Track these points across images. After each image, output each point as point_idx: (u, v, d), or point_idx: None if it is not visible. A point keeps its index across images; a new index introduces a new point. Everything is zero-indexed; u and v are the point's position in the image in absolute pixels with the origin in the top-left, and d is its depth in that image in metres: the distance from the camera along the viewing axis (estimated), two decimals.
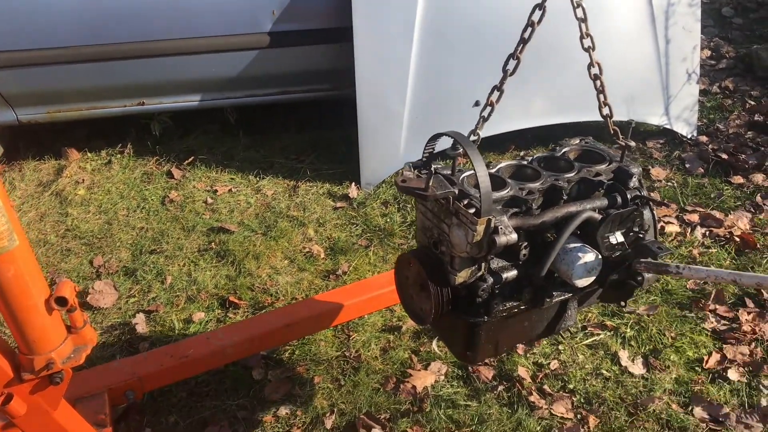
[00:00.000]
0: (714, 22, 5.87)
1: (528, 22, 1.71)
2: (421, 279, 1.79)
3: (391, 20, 3.45)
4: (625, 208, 1.78)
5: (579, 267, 1.70)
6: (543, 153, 1.98)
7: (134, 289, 3.00)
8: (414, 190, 1.66)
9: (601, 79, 1.85)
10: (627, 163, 1.92)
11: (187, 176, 3.82)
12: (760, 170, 3.87)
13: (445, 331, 1.98)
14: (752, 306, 2.92)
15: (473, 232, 1.59)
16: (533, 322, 1.94)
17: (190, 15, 3.46)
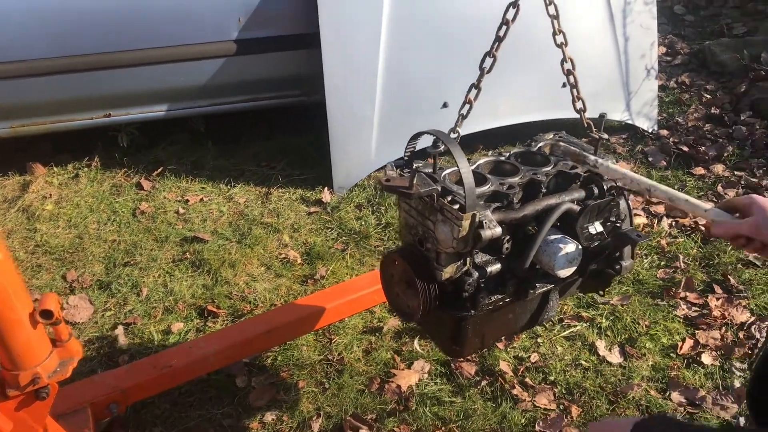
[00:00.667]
0: (667, 19, 6.04)
1: (503, 21, 1.75)
2: (408, 276, 1.81)
3: (357, 25, 3.48)
4: (602, 199, 1.84)
5: (561, 258, 1.74)
6: (519, 149, 2.02)
7: (110, 302, 2.96)
8: (398, 188, 1.68)
9: (574, 74, 1.91)
10: (601, 154, 1.97)
11: (157, 187, 3.78)
12: (719, 161, 4.00)
13: (432, 327, 2.01)
14: (720, 292, 3.01)
15: (459, 228, 1.62)
16: (517, 315, 1.98)
17: (155, 24, 3.43)
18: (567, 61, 1.85)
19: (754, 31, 5.45)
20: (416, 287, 1.77)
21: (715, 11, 6.07)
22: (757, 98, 4.44)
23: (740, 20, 5.78)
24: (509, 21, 1.75)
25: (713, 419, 2.42)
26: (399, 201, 1.85)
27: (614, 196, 1.87)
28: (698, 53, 5.25)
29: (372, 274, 2.81)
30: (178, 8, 3.44)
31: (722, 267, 3.15)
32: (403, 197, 1.75)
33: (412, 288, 1.82)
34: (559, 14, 1.79)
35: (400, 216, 1.86)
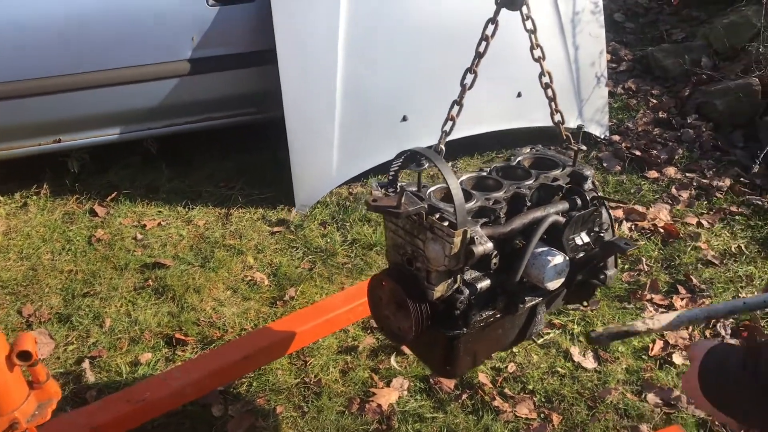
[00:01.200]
0: (608, 27, 6.19)
1: (482, 37, 1.74)
2: (397, 297, 1.78)
3: (314, 40, 3.44)
4: (585, 210, 1.85)
5: (550, 270, 1.74)
6: (499, 163, 2.02)
7: (71, 335, 2.83)
8: (386, 208, 1.65)
9: (552, 87, 1.92)
10: (580, 166, 1.99)
11: (111, 213, 3.65)
12: (671, 164, 4.12)
13: (422, 347, 1.98)
14: (684, 292, 3.09)
15: (450, 245, 1.60)
16: (506, 330, 1.98)
17: (106, 46, 3.32)
18: (545, 75, 1.86)
19: (691, 37, 5.64)
20: (407, 308, 1.74)
21: (653, 18, 6.26)
22: (701, 101, 4.59)
23: (677, 26, 5.97)
24: (489, 37, 1.75)
25: (689, 418, 2.46)
26: (385, 221, 1.82)
27: (597, 206, 1.89)
28: (642, 59, 5.41)
29: (345, 292, 2.77)
30: (129, 29, 3.33)
31: (683, 267, 3.23)
32: (391, 217, 1.72)
33: (402, 309, 1.79)
34: (536, 29, 1.79)
35: (386, 236, 1.83)
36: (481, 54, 1.77)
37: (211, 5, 3.43)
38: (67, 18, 3.26)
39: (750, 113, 4.44)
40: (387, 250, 1.86)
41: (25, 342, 1.50)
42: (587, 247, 1.85)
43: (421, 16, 3.65)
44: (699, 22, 5.96)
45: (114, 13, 3.30)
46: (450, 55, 3.78)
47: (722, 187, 3.85)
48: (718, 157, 4.18)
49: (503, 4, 1.70)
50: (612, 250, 1.76)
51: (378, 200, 1.69)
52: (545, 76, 1.87)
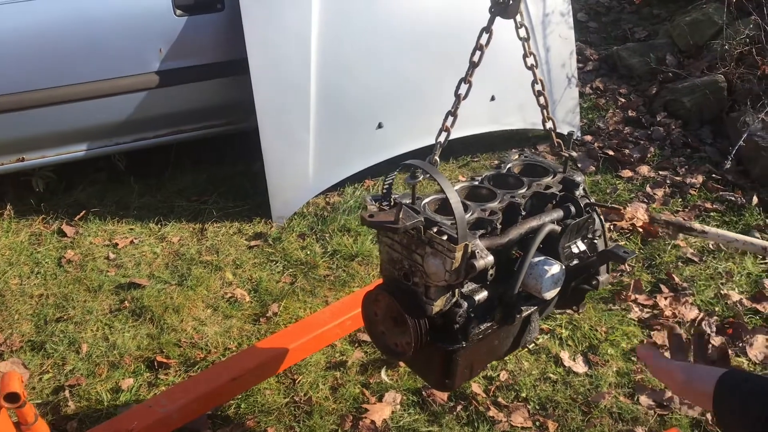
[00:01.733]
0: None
1: (476, 46, 1.70)
2: (395, 313, 1.73)
3: (286, 49, 3.38)
4: (580, 217, 1.83)
5: (547, 280, 1.72)
6: (490, 172, 1.99)
7: (46, 363, 2.72)
8: (383, 224, 1.61)
9: (545, 94, 1.89)
10: (570, 172, 1.97)
11: (81, 232, 3.53)
12: (644, 162, 4.15)
13: (419, 362, 1.94)
14: (667, 291, 3.10)
15: (451, 260, 1.56)
16: (502, 340, 1.94)
17: (70, 60, 3.21)
18: (537, 82, 1.83)
19: (654, 35, 5.72)
20: (405, 324, 1.69)
21: (615, 17, 6.33)
22: (668, 99, 4.65)
23: (640, 24, 6.05)
24: (483, 46, 1.71)
25: (683, 419, 2.46)
26: (379, 235, 1.77)
27: (590, 214, 1.87)
28: (607, 58, 5.46)
29: (331, 307, 2.70)
30: (94, 42, 3.22)
31: (664, 266, 3.25)
32: (389, 232, 1.68)
33: (399, 325, 1.74)
34: (530, 36, 1.77)
35: (381, 251, 1.78)
36: (475, 63, 1.73)
37: (179, 15, 3.33)
38: (30, 32, 3.13)
39: (717, 110, 4.52)
40: (381, 265, 1.81)
41: (12, 383, 1.41)
42: (584, 255, 1.83)
43: (396, 22, 3.61)
44: (661, 20, 6.05)
45: (78, 26, 3.19)
46: (425, 62, 3.78)
47: (695, 184, 3.89)
48: (688, 154, 4.22)
49: (497, 13, 1.66)
50: (611, 258, 1.74)
51: (374, 215, 1.64)
52: (538, 84, 1.85)
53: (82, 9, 3.19)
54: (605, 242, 1.97)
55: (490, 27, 1.69)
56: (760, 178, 3.88)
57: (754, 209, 3.62)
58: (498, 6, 1.65)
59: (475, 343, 1.79)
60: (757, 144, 3.92)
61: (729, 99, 4.50)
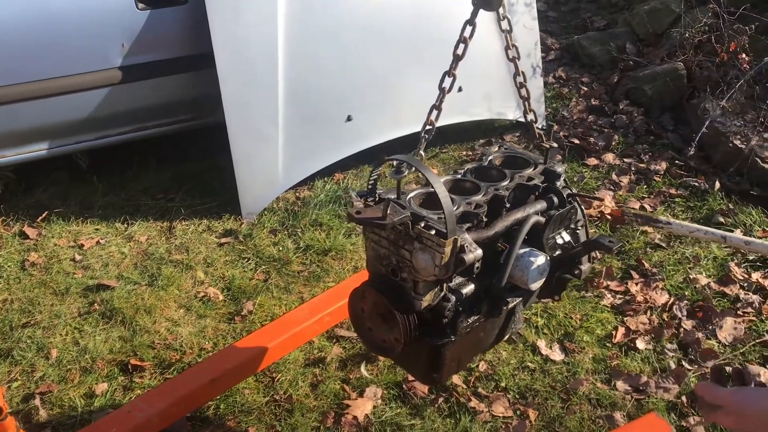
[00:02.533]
0: None
1: (460, 38, 1.69)
2: (382, 309, 1.72)
3: (253, 43, 3.32)
4: (563, 208, 1.84)
5: (533, 271, 1.73)
6: (473, 164, 1.98)
7: (14, 371, 2.63)
8: (371, 220, 1.59)
9: (527, 86, 1.90)
10: (551, 163, 1.98)
11: (44, 234, 3.42)
12: (608, 150, 4.21)
13: (406, 356, 1.93)
14: (638, 277, 3.15)
15: (441, 254, 1.56)
16: (488, 332, 1.95)
17: (29, 56, 3.10)
18: (519, 74, 1.83)
19: (613, 24, 5.80)
20: (393, 320, 1.69)
21: (575, 6, 6.40)
22: (630, 87, 4.72)
23: (598, 13, 6.13)
24: (467, 39, 1.70)
25: (660, 402, 2.51)
26: (366, 232, 1.75)
27: (573, 204, 1.88)
28: (569, 47, 5.51)
29: (308, 304, 2.69)
30: (53, 37, 3.12)
31: (634, 253, 3.30)
32: (377, 228, 1.66)
33: (387, 321, 1.73)
34: (512, 28, 1.76)
35: (367, 247, 1.76)
36: (459, 56, 1.73)
37: (141, 9, 3.25)
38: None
39: (677, 97, 4.60)
40: (368, 261, 1.79)
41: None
42: (567, 246, 1.85)
43: (362, 15, 3.57)
44: (619, 9, 6.13)
45: (37, 21, 3.08)
46: (391, 54, 3.76)
47: (659, 171, 3.97)
48: (651, 141, 4.30)
49: (480, 5, 1.66)
50: (596, 247, 1.76)
51: (362, 212, 1.62)
52: (520, 76, 1.85)
53: (41, 3, 3.07)
54: (587, 232, 1.99)
55: (474, 19, 1.68)
56: (721, 164, 3.97)
57: (717, 194, 3.71)
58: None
59: (462, 337, 1.79)
60: (718, 130, 4.01)
61: (689, 86, 4.59)
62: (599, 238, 1.73)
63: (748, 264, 3.20)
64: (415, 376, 2.37)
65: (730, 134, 3.96)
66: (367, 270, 1.81)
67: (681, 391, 2.56)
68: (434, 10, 3.73)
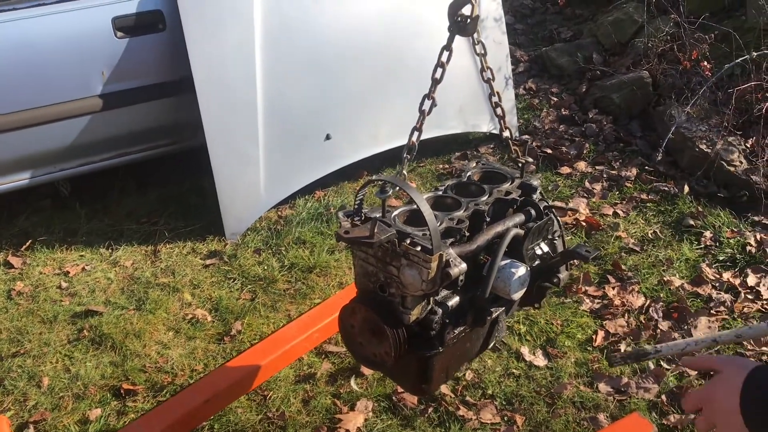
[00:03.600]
0: None
1: (437, 63, 1.78)
2: (372, 325, 1.79)
3: (231, 67, 3.39)
4: (540, 220, 1.93)
5: (515, 282, 1.81)
6: (453, 180, 2.06)
7: (7, 401, 2.65)
8: (359, 239, 1.66)
9: (501, 106, 1.98)
10: (527, 177, 2.07)
11: (29, 262, 3.44)
12: (580, 158, 4.33)
13: (396, 369, 1.99)
14: (614, 281, 3.26)
15: (427, 270, 1.63)
16: (473, 341, 2.03)
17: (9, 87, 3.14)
18: (494, 95, 1.91)
19: (578, 34, 5.95)
20: (383, 335, 1.75)
21: (540, 18, 6.56)
22: (598, 96, 4.85)
23: (564, 25, 6.28)
24: (444, 63, 1.79)
25: (641, 402, 2.61)
26: (353, 249, 1.82)
27: (549, 216, 1.97)
28: (537, 59, 5.65)
29: (297, 321, 2.73)
30: (33, 67, 3.16)
31: (609, 258, 3.41)
32: (364, 247, 1.73)
33: (377, 336, 1.80)
34: (486, 52, 1.86)
35: (355, 264, 1.83)
36: (438, 80, 1.81)
37: (120, 37, 3.30)
38: None
39: (644, 104, 4.74)
40: (356, 278, 1.86)
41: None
42: (546, 256, 1.93)
43: (338, 35, 3.66)
44: (584, 20, 6.29)
45: (16, 51, 3.12)
46: (368, 73, 3.85)
47: (630, 177, 4.09)
48: (621, 148, 4.43)
49: (456, 32, 1.74)
50: (574, 256, 1.84)
51: (350, 232, 1.69)
52: (495, 96, 1.94)
53: (21, 33, 3.12)
54: (563, 242, 2.08)
55: (450, 45, 1.77)
56: (688, 168, 4.11)
57: (686, 197, 3.84)
58: (456, 25, 1.73)
59: (450, 347, 1.87)
60: (684, 135, 4.15)
61: (654, 93, 4.74)
62: (576, 248, 1.81)
63: (719, 264, 3.32)
64: (405, 388, 2.44)
65: (696, 139, 4.10)
66: (356, 286, 1.88)
67: (661, 390, 2.66)
68: (408, 28, 3.83)
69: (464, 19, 1.72)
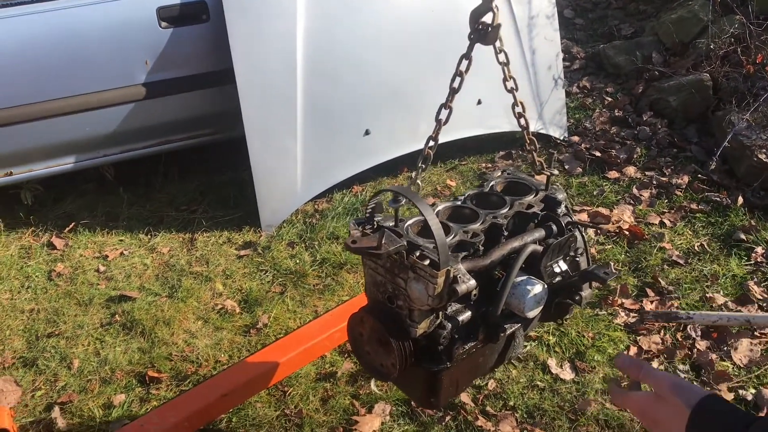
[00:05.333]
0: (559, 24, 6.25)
1: (456, 72, 1.72)
2: (379, 335, 1.76)
3: (272, 60, 3.39)
4: (561, 236, 1.85)
5: (530, 299, 1.74)
6: (473, 190, 2.01)
7: (39, 380, 2.74)
8: (367, 249, 1.63)
9: (525, 117, 1.91)
10: (552, 190, 1.99)
11: (71, 245, 3.54)
12: (630, 163, 4.18)
13: (404, 380, 1.96)
14: (653, 295, 3.13)
15: (433, 285, 1.59)
16: (486, 357, 1.97)
17: (57, 74, 3.22)
18: (518, 104, 1.85)
19: (640, 32, 5.73)
20: (389, 346, 1.72)
21: (602, 13, 6.35)
22: (654, 98, 4.67)
23: (626, 21, 6.07)
24: (462, 72, 1.73)
25: None
26: (363, 258, 1.79)
27: (572, 232, 1.89)
28: (594, 56, 5.47)
29: (321, 319, 2.74)
30: (80, 56, 3.23)
31: (650, 270, 3.28)
32: (372, 258, 1.70)
33: (384, 346, 1.77)
34: (509, 61, 1.79)
35: (365, 273, 1.80)
36: (455, 90, 1.75)
37: (164, 27, 3.34)
38: (16, 48, 3.14)
39: (702, 108, 4.54)
40: (366, 287, 1.83)
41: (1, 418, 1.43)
42: (566, 274, 1.86)
43: (380, 29, 3.62)
44: (647, 16, 6.06)
45: (64, 40, 3.19)
46: (410, 68, 3.79)
47: (681, 185, 3.92)
48: (674, 154, 4.25)
49: (477, 39, 1.68)
50: (591, 278, 1.77)
51: (358, 241, 1.66)
52: (518, 106, 1.87)
53: (68, 23, 3.19)
54: (588, 260, 2.00)
55: (470, 54, 1.71)
56: (745, 178, 3.92)
57: (740, 209, 3.66)
58: (477, 33, 1.67)
59: (459, 362, 1.82)
60: (742, 143, 3.95)
61: (714, 98, 4.52)
62: (595, 269, 1.74)
63: None
64: (413, 400, 2.41)
65: (755, 148, 3.90)
66: (365, 295, 1.85)
67: None
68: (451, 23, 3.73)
69: (485, 27, 1.66)
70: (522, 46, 4.12)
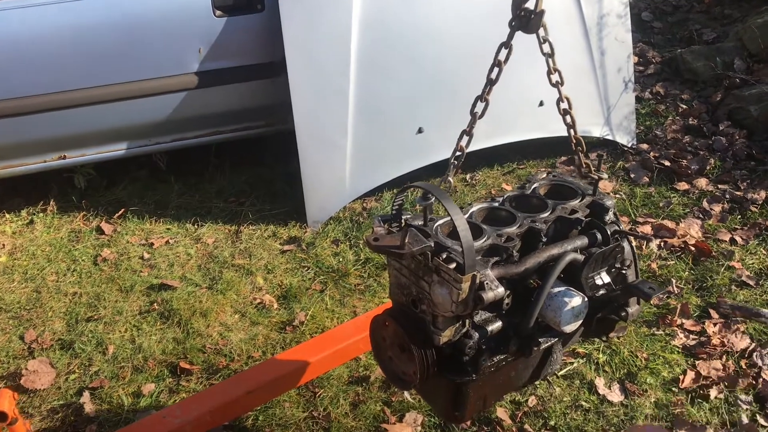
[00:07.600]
0: (635, 27, 5.95)
1: (494, 62, 1.59)
2: (401, 341, 1.64)
3: (325, 52, 3.31)
4: (606, 246, 1.69)
5: (567, 313, 1.59)
6: (513, 192, 1.86)
7: (73, 363, 2.74)
8: (388, 248, 1.51)
9: (571, 113, 1.76)
10: (600, 196, 1.83)
11: (119, 230, 3.56)
12: (702, 175, 3.91)
13: (428, 390, 1.84)
14: (717, 317, 2.89)
15: (458, 291, 1.46)
16: (519, 372, 1.82)
17: (111, 60, 3.23)
18: (563, 100, 1.69)
19: (723, 37, 5.40)
20: (411, 352, 1.60)
21: (683, 17, 6.03)
22: (733, 107, 4.37)
23: (708, 25, 5.74)
24: (501, 62, 1.60)
25: None
26: (388, 258, 1.68)
27: (619, 242, 1.73)
28: (670, 61, 5.18)
29: (357, 320, 2.63)
30: (134, 42, 3.23)
31: (716, 289, 3.04)
32: (395, 258, 1.58)
33: (406, 352, 1.65)
34: (554, 52, 1.64)
35: (389, 274, 1.69)
36: (493, 81, 1.62)
37: (218, 16, 3.31)
38: (72, 32, 3.16)
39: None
40: (390, 289, 1.72)
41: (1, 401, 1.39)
42: (609, 288, 1.70)
43: (437, 24, 3.49)
44: (731, 21, 5.71)
45: (119, 26, 3.20)
46: (467, 65, 3.62)
47: (757, 200, 3.64)
48: (752, 167, 3.95)
49: (518, 27, 1.54)
50: (635, 294, 1.60)
51: (381, 239, 1.55)
52: (563, 102, 1.71)
53: (123, 9, 3.19)
54: (636, 273, 1.83)
55: (510, 42, 1.57)
56: None
57: None
58: (519, 20, 1.53)
59: (487, 375, 1.68)
60: None
61: None
62: (639, 284, 1.57)
63: None
64: (437, 412, 2.27)
65: None
66: (390, 298, 1.73)
67: None
68: None
69: (528, 13, 1.52)
70: (590, 47, 3.91)
